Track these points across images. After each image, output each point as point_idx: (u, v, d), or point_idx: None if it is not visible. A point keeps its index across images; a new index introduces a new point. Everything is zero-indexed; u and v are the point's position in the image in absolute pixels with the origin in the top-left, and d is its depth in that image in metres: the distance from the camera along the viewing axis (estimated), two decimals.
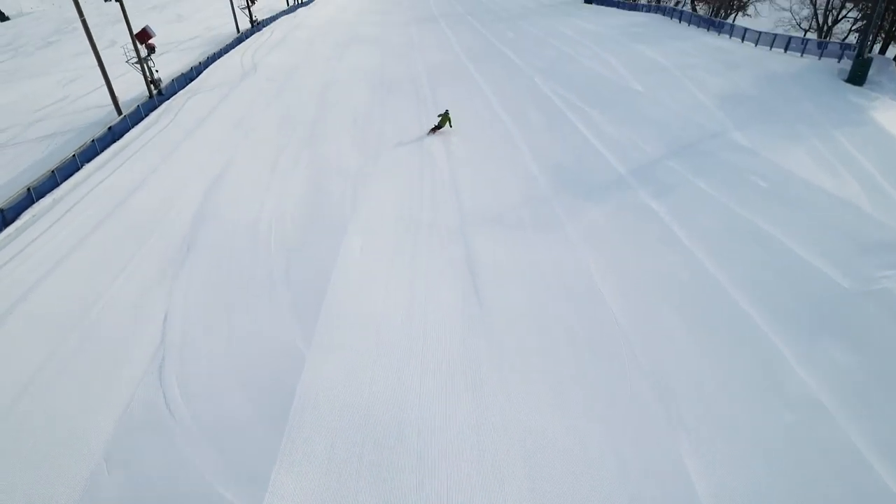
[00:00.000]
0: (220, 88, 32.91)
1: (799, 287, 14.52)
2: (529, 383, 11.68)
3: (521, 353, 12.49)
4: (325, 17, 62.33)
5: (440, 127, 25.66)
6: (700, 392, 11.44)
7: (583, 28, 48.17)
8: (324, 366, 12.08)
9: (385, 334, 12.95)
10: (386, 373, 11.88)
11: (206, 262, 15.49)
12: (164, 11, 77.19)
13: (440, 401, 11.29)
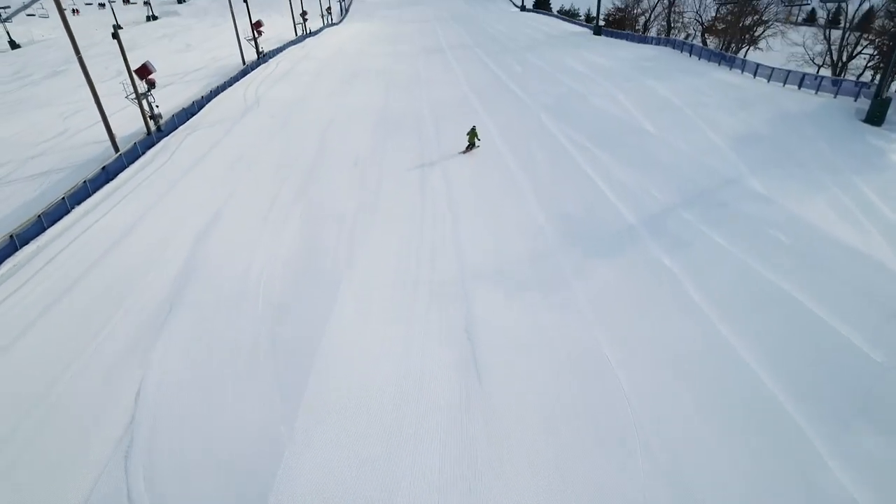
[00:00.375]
0: (220, 124, 32.29)
1: (826, 361, 13.33)
2: (529, 474, 10.53)
3: (521, 437, 11.35)
4: (332, 48, 62.26)
5: (471, 146, 26.82)
6: (724, 495, 10.23)
7: (592, 62, 47.56)
8: (306, 452, 10.98)
9: (375, 413, 11.86)
10: (373, 461, 10.77)
11: (187, 327, 14.48)
12: (173, 40, 77.69)
13: (432, 494, 10.17)
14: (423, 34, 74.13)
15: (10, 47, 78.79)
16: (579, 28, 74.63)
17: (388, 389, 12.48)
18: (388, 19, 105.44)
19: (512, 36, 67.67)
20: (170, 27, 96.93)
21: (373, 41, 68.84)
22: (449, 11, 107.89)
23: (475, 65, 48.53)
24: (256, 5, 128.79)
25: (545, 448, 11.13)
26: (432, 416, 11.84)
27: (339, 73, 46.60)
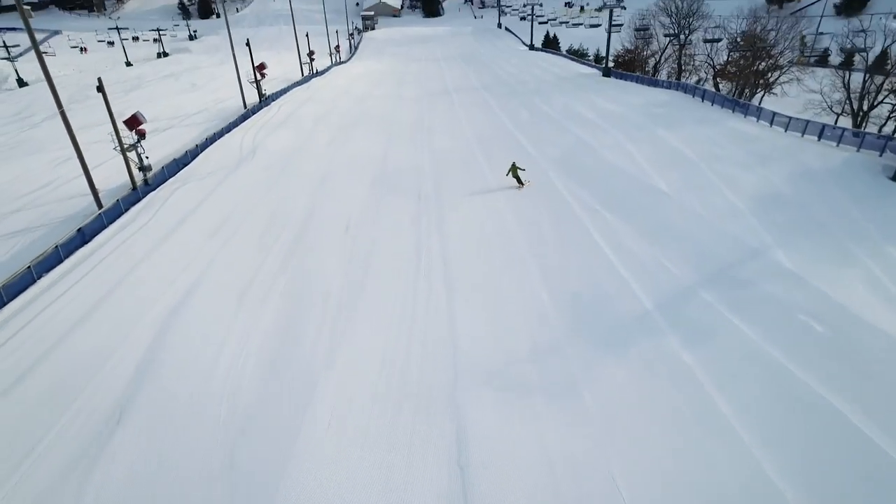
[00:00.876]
0: (212, 177, 30.81)
1: (883, 498, 11.22)
2: None
3: None
4: (336, 90, 61.40)
5: (521, 182, 27.89)
6: None
7: (602, 108, 46.14)
8: None
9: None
10: None
11: (135, 445, 12.53)
12: (179, 79, 77.39)
13: None
14: (429, 75, 73.43)
15: (18, 85, 78.81)
16: (588, 69, 73.70)
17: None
18: (397, 57, 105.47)
19: (520, 78, 66.70)
20: (178, 64, 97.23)
21: (379, 82, 68.07)
22: (457, 49, 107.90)
23: (481, 110, 47.21)
24: (267, 41, 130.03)
25: None
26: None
27: (341, 118, 45.38)
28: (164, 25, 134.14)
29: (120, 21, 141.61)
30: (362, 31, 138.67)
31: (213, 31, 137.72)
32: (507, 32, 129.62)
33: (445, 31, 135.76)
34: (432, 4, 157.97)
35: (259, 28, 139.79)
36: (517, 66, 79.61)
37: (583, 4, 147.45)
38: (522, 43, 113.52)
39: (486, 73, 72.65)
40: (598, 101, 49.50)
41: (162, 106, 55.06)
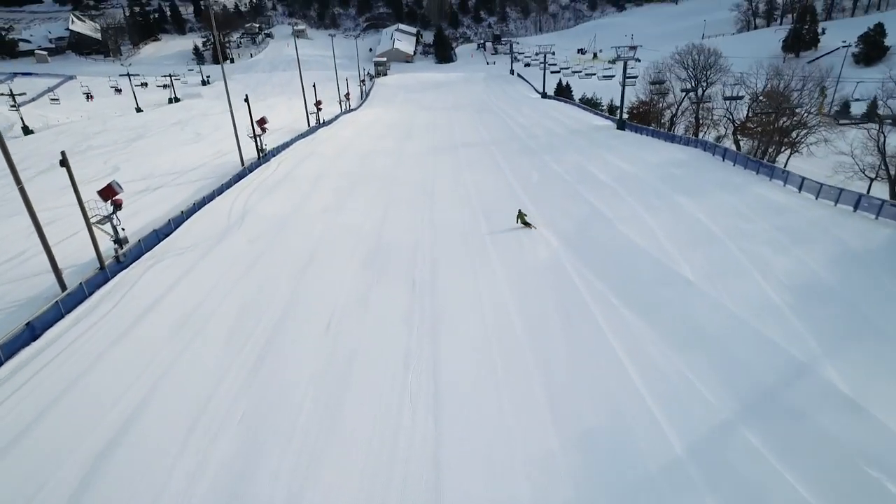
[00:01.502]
0: (191, 252, 28.27)
1: None
2: None
3: None
4: (340, 144, 59.45)
5: (527, 224, 30.42)
6: None
7: (616, 168, 43.56)
8: None
9: None
10: None
11: None
12: (185, 128, 76.33)
13: None
14: (438, 126, 71.64)
15: (24, 133, 78.08)
16: (601, 121, 71.60)
17: None
18: (408, 104, 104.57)
19: (531, 131, 64.62)
20: (187, 111, 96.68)
21: (385, 134, 66.27)
22: (468, 97, 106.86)
23: (488, 171, 44.73)
24: (279, 86, 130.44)
25: None
26: None
27: (340, 178, 43.10)
28: (178, 70, 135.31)
29: (135, 66, 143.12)
30: (375, 76, 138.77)
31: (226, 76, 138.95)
32: (519, 79, 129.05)
33: (458, 77, 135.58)
34: (445, 50, 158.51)
35: (272, 73, 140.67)
36: (528, 116, 77.79)
37: (595, 52, 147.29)
38: (535, 90, 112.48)
39: (496, 125, 70.74)
40: (613, 159, 46.97)
41: (160, 159, 53.34)
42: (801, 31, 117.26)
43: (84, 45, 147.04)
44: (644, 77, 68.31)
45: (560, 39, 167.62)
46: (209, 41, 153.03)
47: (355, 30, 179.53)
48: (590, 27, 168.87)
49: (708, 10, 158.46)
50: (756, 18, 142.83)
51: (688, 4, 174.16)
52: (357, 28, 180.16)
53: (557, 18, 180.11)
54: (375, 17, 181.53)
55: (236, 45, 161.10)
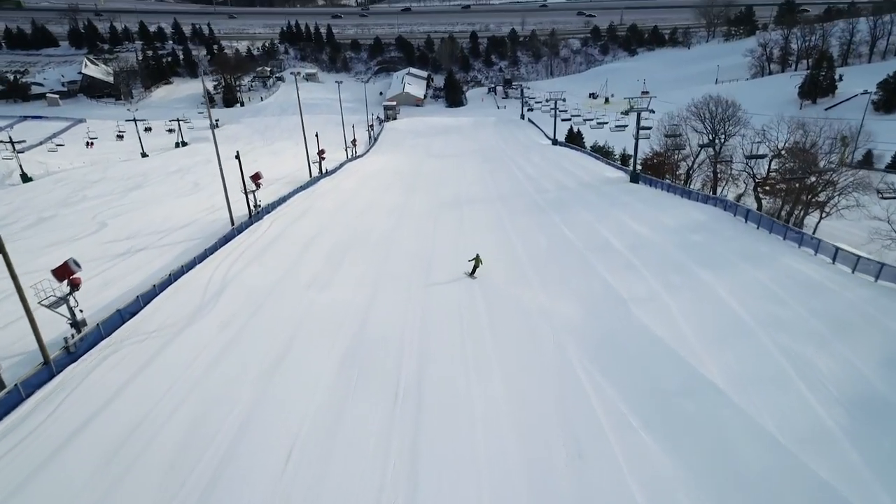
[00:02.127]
0: (154, 340, 25.18)
1: None
2: None
3: None
4: (341, 196, 56.97)
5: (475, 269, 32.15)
6: None
7: (631, 232, 40.40)
8: None
9: None
10: None
11: None
12: (185, 177, 74.57)
13: None
14: (444, 177, 69.00)
15: (22, 181, 76.62)
16: (614, 172, 68.79)
17: None
18: (416, 150, 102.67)
19: (540, 184, 61.83)
20: (191, 156, 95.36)
21: (389, 186, 63.71)
22: (477, 143, 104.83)
23: (493, 235, 41.61)
24: (287, 130, 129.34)
25: None
26: None
27: (333, 242, 40.20)
28: (188, 114, 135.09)
29: (146, 109, 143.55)
30: (384, 120, 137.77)
31: (235, 120, 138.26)
32: (529, 124, 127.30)
33: (467, 121, 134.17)
34: (455, 94, 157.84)
35: (282, 117, 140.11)
36: (538, 166, 75.20)
37: (607, 96, 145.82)
38: (545, 136, 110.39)
39: (504, 176, 68.03)
40: (627, 220, 43.85)
41: (152, 214, 51.00)
42: (818, 78, 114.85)
43: (96, 89, 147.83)
44: (658, 128, 65.56)
45: (571, 84, 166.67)
46: (220, 84, 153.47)
47: (366, 73, 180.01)
48: (601, 72, 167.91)
49: (721, 55, 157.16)
50: (770, 64, 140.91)
51: (700, 49, 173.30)
52: (368, 72, 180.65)
53: (569, 63, 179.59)
54: (387, 60, 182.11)
55: (247, 88, 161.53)
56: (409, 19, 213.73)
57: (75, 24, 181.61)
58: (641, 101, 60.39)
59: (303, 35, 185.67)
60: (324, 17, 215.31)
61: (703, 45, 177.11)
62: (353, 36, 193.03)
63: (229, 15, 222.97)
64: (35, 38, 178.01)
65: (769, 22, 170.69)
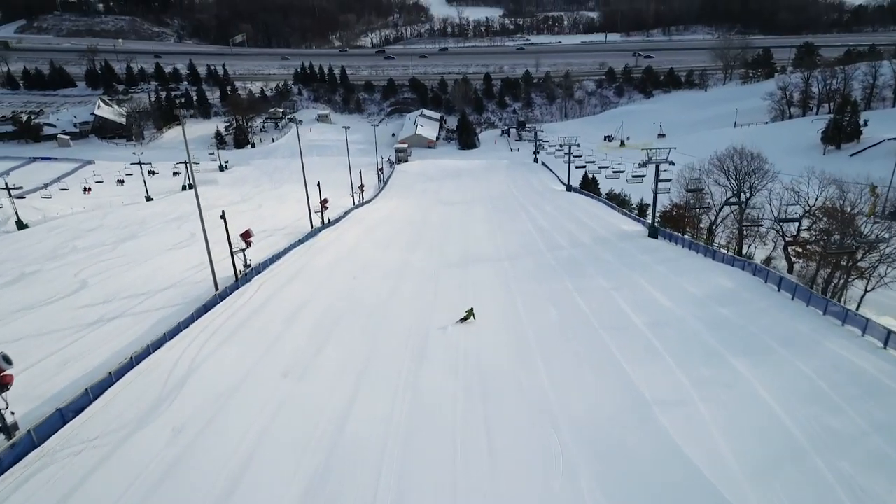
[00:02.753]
0: (93, 449, 21.42)
1: None
2: None
3: None
4: (340, 251, 53.59)
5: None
6: None
7: (652, 303, 36.40)
8: None
9: None
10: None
11: None
12: (183, 225, 71.59)
13: None
14: (451, 228, 65.62)
15: (17, 227, 74.37)
16: (631, 224, 64.94)
17: None
18: (425, 195, 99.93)
19: (552, 238, 58.13)
20: (195, 201, 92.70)
21: (392, 239, 60.33)
22: (488, 188, 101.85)
23: (498, 306, 37.69)
24: (296, 173, 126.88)
25: None
26: None
27: (322, 311, 36.63)
28: (198, 155, 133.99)
29: (157, 150, 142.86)
30: (395, 162, 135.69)
31: (245, 161, 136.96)
32: (542, 167, 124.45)
33: (480, 164, 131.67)
34: (468, 136, 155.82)
35: (292, 159, 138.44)
36: (551, 216, 71.65)
37: (623, 139, 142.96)
38: (559, 180, 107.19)
39: (514, 228, 64.33)
40: (647, 286, 39.88)
41: (138, 271, 47.87)
42: (842, 122, 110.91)
43: (108, 130, 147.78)
44: (678, 180, 61.87)
45: (586, 126, 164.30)
46: (231, 125, 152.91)
47: (379, 114, 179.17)
48: (616, 114, 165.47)
49: (739, 98, 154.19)
50: (791, 107, 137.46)
51: (717, 92, 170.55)
52: (381, 113, 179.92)
53: (583, 105, 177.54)
54: (400, 102, 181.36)
55: (259, 129, 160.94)
56: (422, 60, 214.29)
57: (92, 64, 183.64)
58: (660, 153, 56.75)
59: (316, 76, 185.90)
60: (343, 57, 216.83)
61: (720, 87, 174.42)
62: (366, 77, 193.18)
63: (240, 52, 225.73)
64: (52, 78, 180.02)
65: (787, 64, 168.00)
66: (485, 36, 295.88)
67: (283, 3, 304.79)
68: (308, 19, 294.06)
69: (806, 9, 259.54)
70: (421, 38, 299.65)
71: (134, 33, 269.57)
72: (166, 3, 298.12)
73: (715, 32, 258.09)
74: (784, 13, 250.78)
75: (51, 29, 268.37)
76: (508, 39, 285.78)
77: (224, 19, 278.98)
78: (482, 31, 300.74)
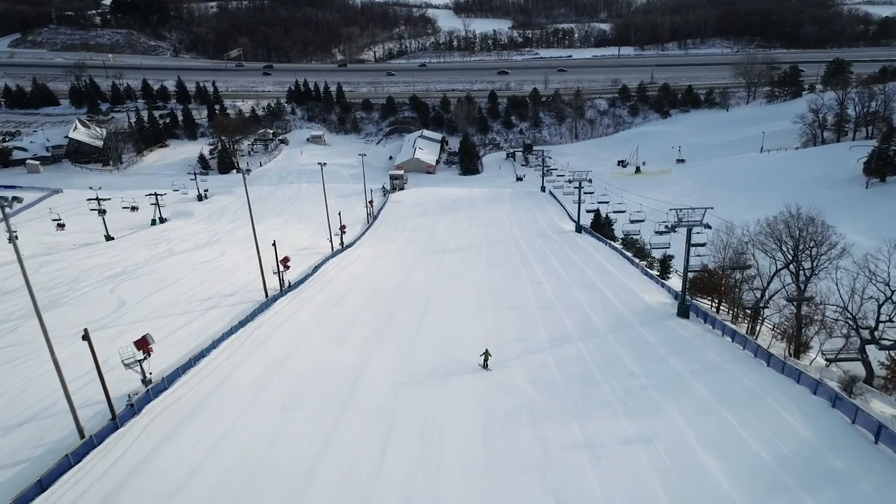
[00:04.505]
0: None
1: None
2: None
3: None
4: (281, 351, 41.59)
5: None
6: None
7: (697, 476, 24.54)
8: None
9: None
10: None
11: None
12: (116, 289, 59.65)
13: None
14: (433, 305, 53.47)
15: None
16: (655, 293, 53.19)
17: None
18: (416, 237, 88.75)
19: (558, 321, 46.39)
20: (155, 244, 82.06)
21: (353, 322, 48.10)
22: (488, 228, 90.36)
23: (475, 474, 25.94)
24: (279, 204, 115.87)
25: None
26: None
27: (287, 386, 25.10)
28: (179, 181, 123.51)
29: (134, 177, 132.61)
30: (390, 191, 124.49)
31: (227, 189, 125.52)
32: (550, 198, 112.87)
33: (481, 194, 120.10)
34: (470, 161, 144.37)
35: (279, 186, 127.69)
36: (557, 275, 59.91)
37: (638, 165, 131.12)
38: (568, 216, 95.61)
39: (512, 303, 51.97)
40: (684, 429, 28.14)
41: (38, 366, 36.35)
42: (888, 153, 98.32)
43: (83, 154, 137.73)
44: (714, 242, 50.04)
45: (597, 148, 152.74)
46: (216, 148, 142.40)
47: (377, 135, 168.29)
48: (631, 135, 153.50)
49: (763, 120, 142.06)
50: (824, 131, 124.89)
51: (740, 111, 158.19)
52: (379, 133, 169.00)
53: (595, 125, 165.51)
54: (399, 121, 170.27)
55: (247, 151, 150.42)
56: (425, 76, 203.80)
57: (78, 81, 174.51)
58: (693, 213, 45.01)
59: (311, 94, 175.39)
60: (342, 73, 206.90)
61: (743, 106, 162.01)
62: (365, 95, 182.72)
63: (237, 65, 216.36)
64: (35, 96, 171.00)
65: (816, 81, 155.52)
66: (492, 50, 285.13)
67: (285, 16, 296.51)
68: (310, 32, 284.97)
69: (831, 21, 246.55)
70: (425, 52, 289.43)
71: (130, 47, 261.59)
72: (165, 16, 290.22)
73: (734, 46, 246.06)
74: (808, 26, 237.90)
75: (45, 43, 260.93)
76: (517, 53, 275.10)
77: (223, 32, 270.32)
78: (489, 45, 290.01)
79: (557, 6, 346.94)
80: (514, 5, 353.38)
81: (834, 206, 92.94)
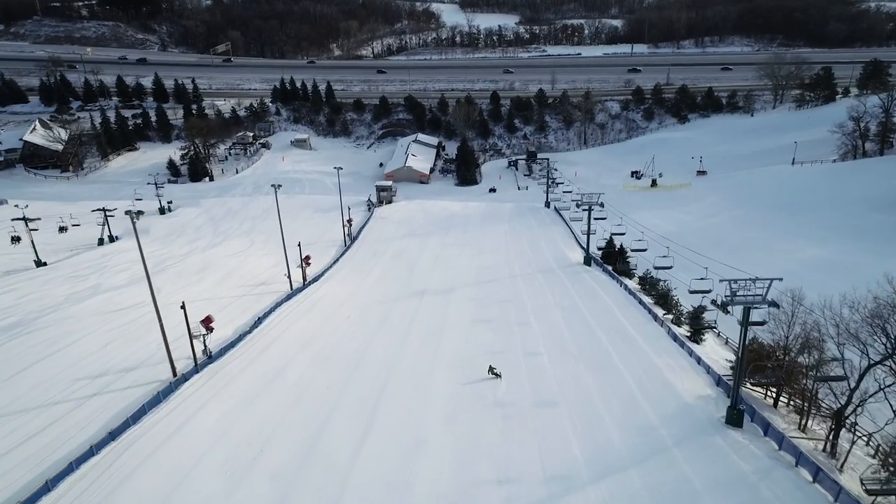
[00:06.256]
0: None
1: None
2: None
3: None
4: (233, 400, 28.87)
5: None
6: None
7: None
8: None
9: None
10: None
11: None
12: (29, 339, 47.23)
13: None
14: (402, 372, 40.61)
15: None
16: (689, 374, 40.08)
17: None
18: (397, 265, 75.75)
19: (553, 424, 33.12)
20: (92, 272, 69.14)
21: (304, 391, 35.33)
22: (480, 259, 76.78)
23: None
24: (249, 220, 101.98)
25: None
26: None
27: None
28: (142, 191, 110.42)
29: (96, 185, 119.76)
30: (377, 204, 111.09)
31: (195, 201, 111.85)
32: (555, 217, 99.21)
33: (478, 209, 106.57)
34: (468, 170, 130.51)
35: (253, 197, 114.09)
36: (559, 340, 46.59)
37: (654, 177, 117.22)
38: (576, 241, 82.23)
39: (497, 399, 38.87)
40: None
41: None
42: None
43: (40, 158, 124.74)
44: (775, 317, 36.56)
45: (608, 156, 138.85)
46: (188, 153, 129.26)
47: (369, 138, 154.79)
48: (646, 142, 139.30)
49: (793, 127, 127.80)
50: (865, 142, 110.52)
51: (765, 117, 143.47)
52: (371, 136, 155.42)
53: (606, 129, 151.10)
54: (393, 123, 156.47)
55: (224, 156, 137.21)
56: (423, 74, 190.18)
57: (48, 77, 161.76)
58: (755, 286, 31.61)
59: (298, 93, 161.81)
60: (334, 70, 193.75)
61: (769, 111, 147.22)
62: (358, 94, 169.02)
63: (224, 61, 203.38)
64: (2, 93, 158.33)
65: (850, 84, 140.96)
66: (497, 46, 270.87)
67: (281, 10, 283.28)
68: (306, 26, 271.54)
69: (860, 18, 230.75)
70: (427, 48, 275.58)
71: (116, 41, 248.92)
72: (155, 8, 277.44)
73: (755, 45, 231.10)
74: (834, 23, 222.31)
75: (28, 35, 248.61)
76: (523, 50, 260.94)
77: (214, 26, 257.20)
78: (494, 41, 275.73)
79: (567, 1, 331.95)
80: (521, 0, 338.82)
81: (881, 231, 79.35)
